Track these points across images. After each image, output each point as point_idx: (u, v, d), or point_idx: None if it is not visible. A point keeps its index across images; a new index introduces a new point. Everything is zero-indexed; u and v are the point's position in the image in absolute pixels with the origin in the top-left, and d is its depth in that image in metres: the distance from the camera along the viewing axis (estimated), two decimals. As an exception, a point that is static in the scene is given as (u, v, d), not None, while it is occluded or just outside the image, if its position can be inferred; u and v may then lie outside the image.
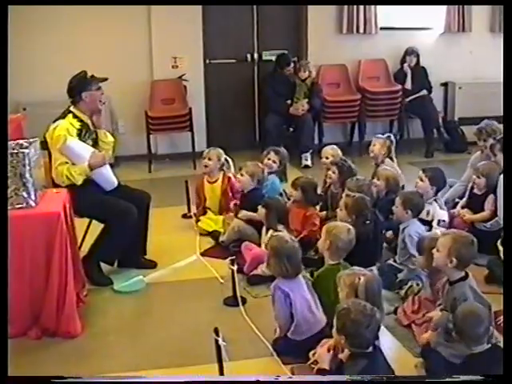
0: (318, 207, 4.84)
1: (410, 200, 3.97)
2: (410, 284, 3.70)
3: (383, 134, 5.31)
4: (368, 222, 3.88)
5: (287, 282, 3.15)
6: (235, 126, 7.42)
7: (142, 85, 6.88)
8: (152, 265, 4.33)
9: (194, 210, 5.29)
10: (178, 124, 6.89)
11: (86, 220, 4.31)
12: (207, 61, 7.20)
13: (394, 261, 4.02)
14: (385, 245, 4.29)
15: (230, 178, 5.06)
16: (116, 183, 4.11)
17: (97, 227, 4.18)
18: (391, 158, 5.15)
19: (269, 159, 5.02)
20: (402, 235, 3.95)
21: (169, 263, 4.29)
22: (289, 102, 6.98)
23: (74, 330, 3.40)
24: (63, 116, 4.00)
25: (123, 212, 3.97)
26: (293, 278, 3.17)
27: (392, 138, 5.26)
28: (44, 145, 3.96)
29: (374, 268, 3.66)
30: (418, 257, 3.51)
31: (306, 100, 6.93)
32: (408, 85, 7.32)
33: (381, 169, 4.84)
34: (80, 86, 3.99)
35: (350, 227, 3.52)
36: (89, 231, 4.35)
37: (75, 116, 4.01)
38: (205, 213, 5.09)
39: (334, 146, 5.25)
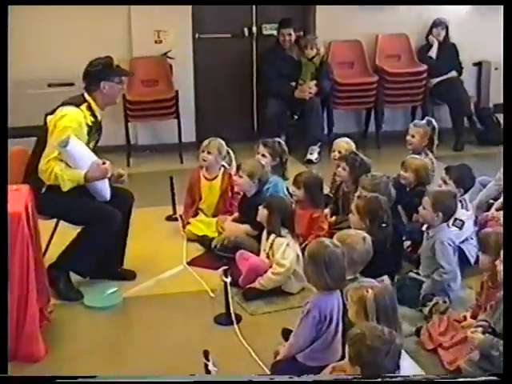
0: (327, 210, 4.91)
1: (441, 200, 3.98)
2: (435, 300, 3.72)
3: (413, 120, 5.42)
4: (384, 225, 3.88)
5: (328, 299, 3.15)
6: (230, 113, 7.48)
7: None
8: (130, 276, 4.37)
9: (180, 210, 5.33)
10: (162, 110, 6.94)
11: (51, 222, 4.34)
12: (197, 35, 7.24)
13: (417, 273, 4.05)
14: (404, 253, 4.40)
15: (231, 175, 5.11)
16: (108, 198, 4.13)
17: (66, 230, 4.23)
18: (432, 151, 5.19)
19: (258, 153, 5.07)
20: (430, 242, 3.98)
21: (150, 274, 4.33)
22: (293, 84, 7.06)
23: (36, 352, 3.39)
24: (75, 102, 4.01)
25: (107, 217, 4.02)
26: (334, 293, 3.17)
27: (434, 122, 5.27)
28: (35, 130, 4.00)
29: (386, 278, 3.63)
30: (482, 256, 3.47)
31: (314, 82, 7.00)
32: (433, 52, 7.31)
33: (409, 157, 4.88)
34: (102, 73, 4.04)
35: (366, 235, 3.56)
36: (55, 235, 4.44)
37: (90, 108, 4.03)
38: (196, 215, 5.15)
39: (349, 140, 5.31)
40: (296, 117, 7.08)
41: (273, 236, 4.18)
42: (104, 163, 4.02)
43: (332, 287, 3.14)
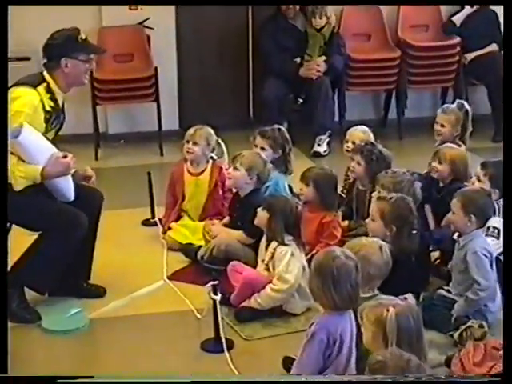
0: (339, 213, 4.93)
1: (474, 201, 3.98)
2: (469, 324, 3.69)
3: (443, 105, 5.44)
4: (415, 231, 3.91)
5: (338, 320, 3.16)
6: (220, 96, 7.51)
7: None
8: (99, 293, 4.38)
9: (160, 213, 5.35)
10: (138, 91, 6.96)
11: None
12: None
13: (448, 290, 4.06)
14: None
15: (221, 169, 5.18)
16: (72, 198, 4.15)
17: (20, 237, 4.24)
18: (464, 142, 5.21)
19: (256, 146, 5.10)
20: (462, 252, 3.98)
21: (123, 290, 4.32)
22: (297, 60, 7.07)
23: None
24: (32, 82, 4.00)
25: (70, 221, 4.02)
26: (345, 313, 3.18)
27: (467, 106, 5.29)
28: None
29: (410, 296, 3.71)
30: None
31: (323, 58, 7.02)
32: (459, 18, 7.31)
33: (445, 146, 4.90)
34: (63, 48, 4.03)
35: (383, 244, 3.59)
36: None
37: (49, 89, 4.03)
38: (179, 218, 5.17)
39: (365, 128, 5.33)
40: (301, 100, 7.09)
41: (274, 244, 4.17)
42: (65, 156, 4.00)
43: (341, 306, 3.14)
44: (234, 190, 4.92)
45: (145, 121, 7.18)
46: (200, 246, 4.83)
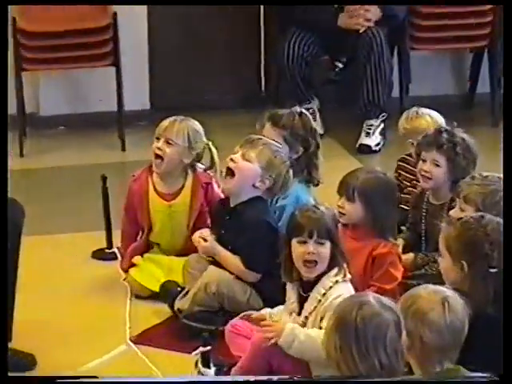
0: (399, 241, 4.95)
1: None
2: None
3: None
4: (494, 270, 3.85)
5: None
6: (214, 59, 7.59)
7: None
8: (26, 363, 4.41)
9: (118, 241, 5.42)
10: (88, 49, 7.01)
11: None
12: None
13: None
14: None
15: (210, 184, 5.27)
16: None
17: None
18: None
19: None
20: None
21: (67, 360, 4.37)
22: (335, 5, 7.20)
23: None
24: None
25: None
26: None
27: None
28: None
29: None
30: None
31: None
32: None
33: None
34: None
35: (449, 295, 3.49)
36: None
37: None
38: (148, 249, 5.28)
39: (433, 112, 5.40)
40: (340, 65, 7.16)
41: (326, 283, 4.17)
42: None
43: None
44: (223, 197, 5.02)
45: (97, 97, 7.27)
46: (178, 292, 4.86)
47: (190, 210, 5.22)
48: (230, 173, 4.80)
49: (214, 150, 5.27)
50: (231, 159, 4.80)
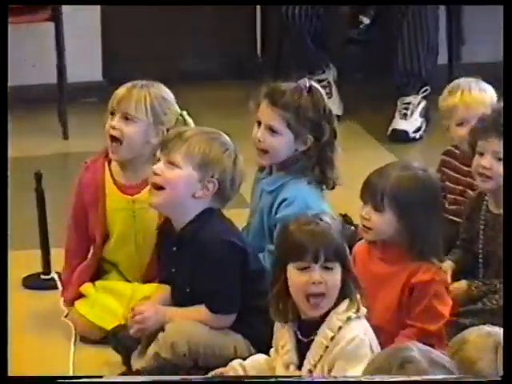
0: (447, 264, 4.70)
1: None
2: None
3: None
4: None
5: None
6: (194, 13, 7.48)
7: None
8: None
9: (61, 261, 5.10)
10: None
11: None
12: None
13: None
14: None
15: None
16: None
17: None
18: None
19: (258, 124, 4.82)
20: None
21: None
22: None
23: None
24: None
25: None
26: None
27: None
28: None
29: None
30: None
31: None
32: None
33: None
34: None
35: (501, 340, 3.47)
36: None
37: None
38: (101, 272, 4.99)
39: (487, 88, 5.10)
40: (366, 21, 6.98)
41: (336, 321, 3.89)
42: None
43: None
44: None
45: (30, 63, 7.04)
46: (136, 342, 4.50)
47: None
48: (159, 188, 4.50)
49: (189, 120, 4.94)
50: (153, 172, 4.49)
